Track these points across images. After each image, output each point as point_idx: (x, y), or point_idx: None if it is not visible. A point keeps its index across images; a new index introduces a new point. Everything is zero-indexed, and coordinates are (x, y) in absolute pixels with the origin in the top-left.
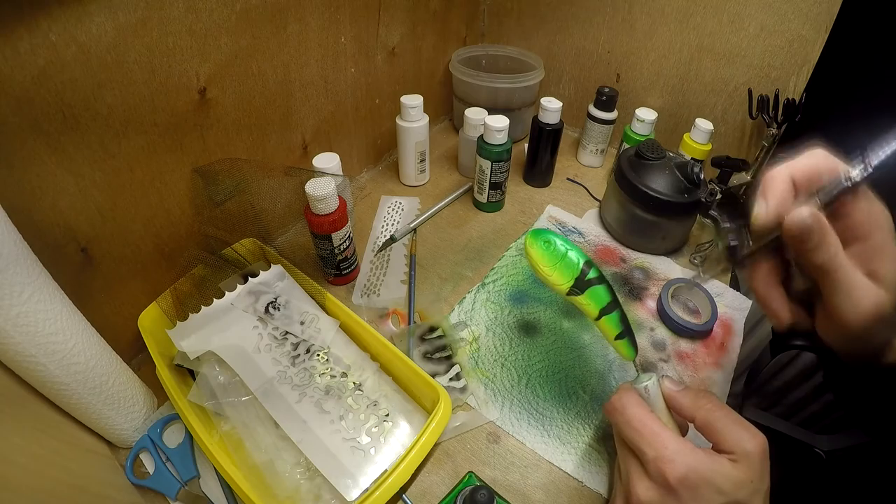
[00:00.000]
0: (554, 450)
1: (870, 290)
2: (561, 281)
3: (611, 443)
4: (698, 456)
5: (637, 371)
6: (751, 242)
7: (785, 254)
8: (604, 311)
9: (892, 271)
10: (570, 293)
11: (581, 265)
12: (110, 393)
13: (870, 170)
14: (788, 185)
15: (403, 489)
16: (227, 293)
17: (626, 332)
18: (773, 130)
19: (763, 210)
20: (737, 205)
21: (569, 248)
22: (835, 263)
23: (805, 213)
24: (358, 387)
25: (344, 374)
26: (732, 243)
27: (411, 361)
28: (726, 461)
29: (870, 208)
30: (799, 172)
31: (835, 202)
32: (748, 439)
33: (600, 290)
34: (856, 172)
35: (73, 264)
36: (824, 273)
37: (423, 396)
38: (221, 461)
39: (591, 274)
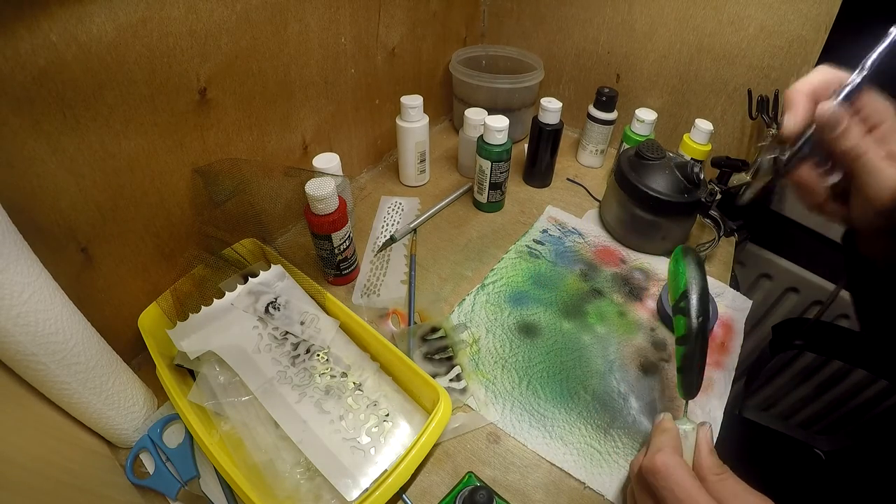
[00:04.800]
0: (556, 451)
1: (891, 169)
2: (670, 297)
3: (613, 443)
4: None
5: (685, 408)
6: (787, 153)
7: (817, 155)
8: (678, 341)
9: None
10: (672, 311)
11: (680, 292)
12: (110, 393)
13: (866, 71)
14: (807, 96)
15: (403, 489)
16: (227, 293)
17: (685, 370)
18: (773, 131)
19: (792, 119)
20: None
21: (684, 273)
22: (861, 148)
23: (831, 104)
24: (358, 387)
25: (344, 374)
26: (775, 155)
27: (411, 361)
28: None
29: (876, 102)
30: (813, 84)
31: (848, 100)
32: None
33: (681, 321)
34: (857, 76)
35: (73, 264)
36: (853, 158)
37: (423, 396)
38: (221, 461)
39: (682, 304)
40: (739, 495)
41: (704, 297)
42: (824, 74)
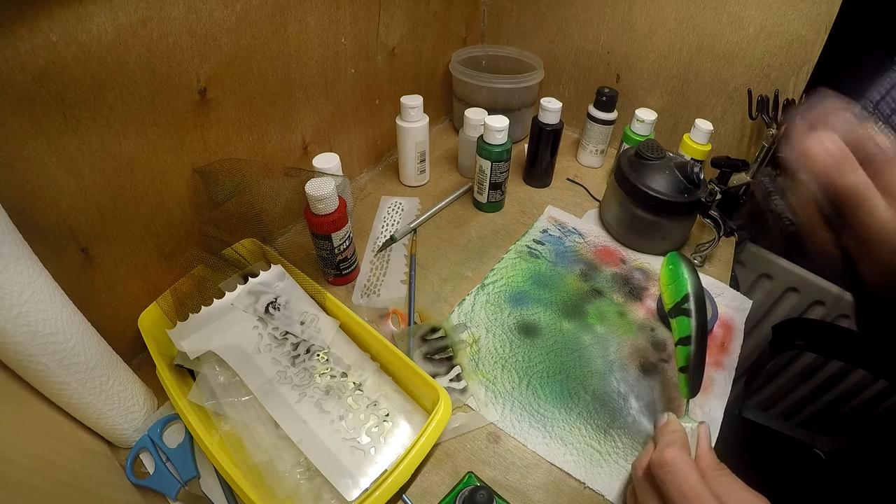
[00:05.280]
0: (556, 451)
1: (892, 211)
2: (667, 300)
3: (613, 443)
4: None
5: (686, 408)
6: (782, 187)
7: (816, 191)
8: (680, 341)
9: None
10: (668, 313)
11: (682, 295)
12: (110, 393)
13: (870, 106)
14: (807, 129)
15: (403, 489)
16: (227, 293)
17: (689, 370)
18: (773, 131)
19: (790, 153)
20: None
21: (685, 277)
22: (861, 188)
23: (827, 141)
24: (358, 387)
25: (344, 374)
26: (769, 188)
27: (411, 361)
28: None
29: (879, 136)
30: (814, 118)
31: (849, 135)
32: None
33: (686, 322)
34: (860, 110)
35: (73, 264)
36: (853, 197)
37: (423, 396)
38: (221, 461)
39: (686, 306)
40: (737, 493)
41: (702, 298)
42: (825, 106)
